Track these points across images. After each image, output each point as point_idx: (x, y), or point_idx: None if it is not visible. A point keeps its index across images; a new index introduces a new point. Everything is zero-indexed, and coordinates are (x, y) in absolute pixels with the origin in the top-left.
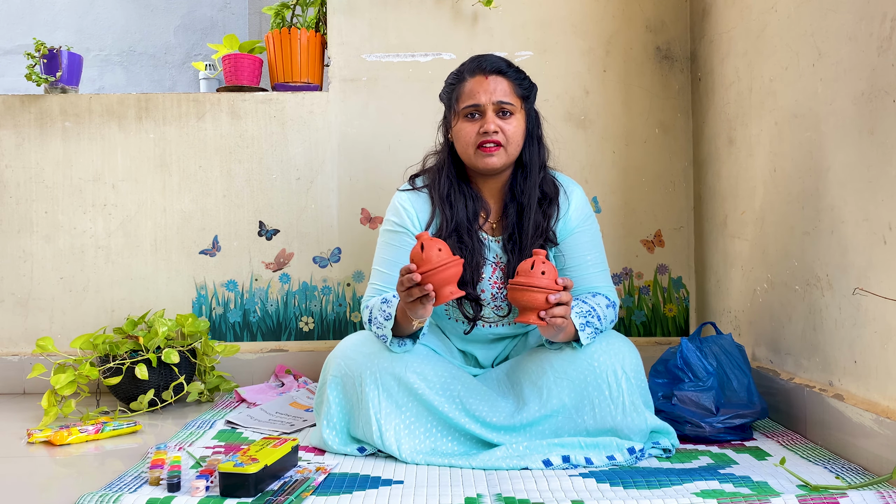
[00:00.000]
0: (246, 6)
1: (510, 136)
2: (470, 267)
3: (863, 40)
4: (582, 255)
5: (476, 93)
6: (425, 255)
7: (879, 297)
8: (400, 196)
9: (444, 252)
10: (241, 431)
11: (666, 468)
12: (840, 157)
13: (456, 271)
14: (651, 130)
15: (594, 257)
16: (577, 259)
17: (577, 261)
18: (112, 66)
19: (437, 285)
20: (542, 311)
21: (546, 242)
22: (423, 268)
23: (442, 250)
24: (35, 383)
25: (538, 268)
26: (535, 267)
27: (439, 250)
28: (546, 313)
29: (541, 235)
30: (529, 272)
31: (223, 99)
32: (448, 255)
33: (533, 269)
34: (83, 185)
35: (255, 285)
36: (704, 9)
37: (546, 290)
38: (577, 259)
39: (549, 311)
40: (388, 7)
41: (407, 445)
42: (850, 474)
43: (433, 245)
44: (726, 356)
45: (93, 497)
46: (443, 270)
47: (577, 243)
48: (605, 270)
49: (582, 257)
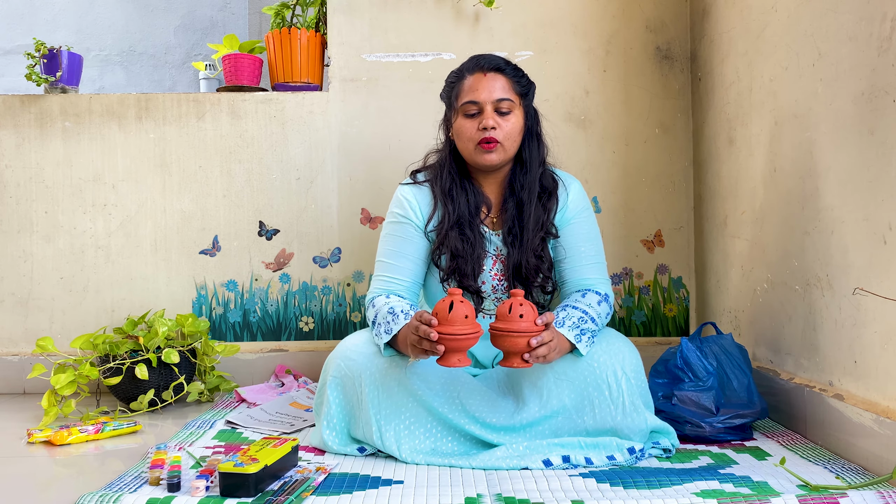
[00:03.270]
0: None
1: (508, 132)
2: (472, 259)
3: (863, 40)
4: (576, 246)
5: (475, 90)
6: (451, 317)
7: (879, 297)
8: (402, 189)
9: (470, 320)
10: (241, 431)
11: (666, 468)
12: (840, 157)
13: (472, 343)
14: (651, 130)
15: (588, 249)
16: (572, 250)
17: (571, 251)
18: (112, 66)
19: (449, 349)
20: (526, 354)
21: (546, 235)
22: (443, 329)
23: (468, 318)
24: (35, 383)
25: (516, 311)
26: (513, 310)
27: (465, 317)
28: (529, 356)
29: (541, 229)
30: (508, 316)
31: (223, 99)
32: (471, 325)
33: (511, 312)
34: (83, 185)
35: (255, 285)
36: (704, 9)
37: (526, 334)
38: (572, 250)
39: (532, 353)
40: (389, 7)
41: (407, 446)
42: (850, 474)
43: (462, 310)
44: (726, 356)
45: (93, 497)
46: (461, 340)
47: (573, 234)
48: (601, 264)
49: (576, 248)
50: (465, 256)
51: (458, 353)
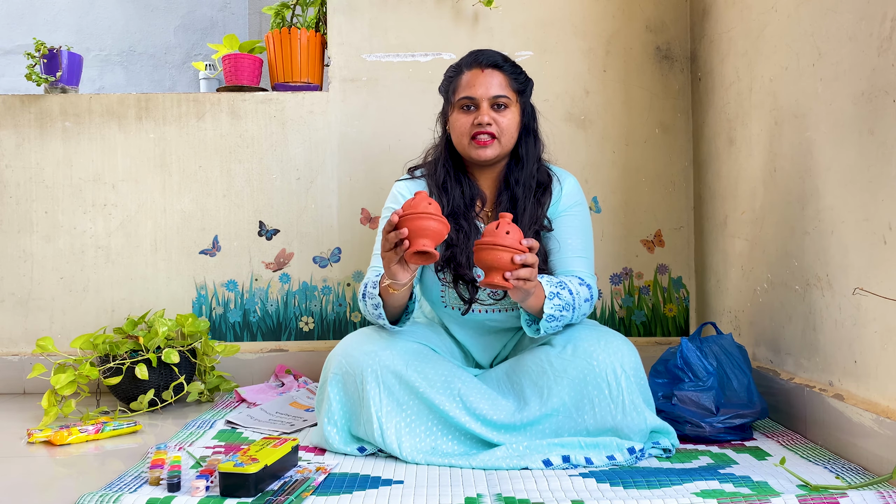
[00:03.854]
0: (246, 6)
1: (504, 128)
2: (466, 249)
3: (863, 40)
4: (565, 238)
5: (472, 85)
6: (412, 202)
7: (879, 297)
8: (398, 184)
9: (434, 207)
10: (241, 431)
11: (666, 468)
12: (840, 157)
13: (437, 227)
14: (651, 130)
15: (577, 243)
16: (561, 242)
17: (560, 244)
18: (112, 66)
19: (412, 232)
20: (507, 273)
21: (540, 229)
22: (404, 211)
23: (432, 205)
24: (35, 383)
25: (503, 228)
26: (500, 227)
27: (429, 204)
28: (511, 274)
29: (535, 223)
30: (494, 232)
31: (223, 99)
32: (435, 210)
33: (498, 228)
34: (83, 185)
35: (255, 285)
36: (704, 9)
37: (510, 250)
38: (561, 242)
39: (515, 272)
40: (388, 7)
41: (408, 444)
42: (850, 474)
43: (424, 198)
44: (726, 356)
45: (93, 497)
46: (422, 218)
47: (563, 226)
48: (588, 259)
49: (565, 240)
50: (460, 247)
51: (423, 238)
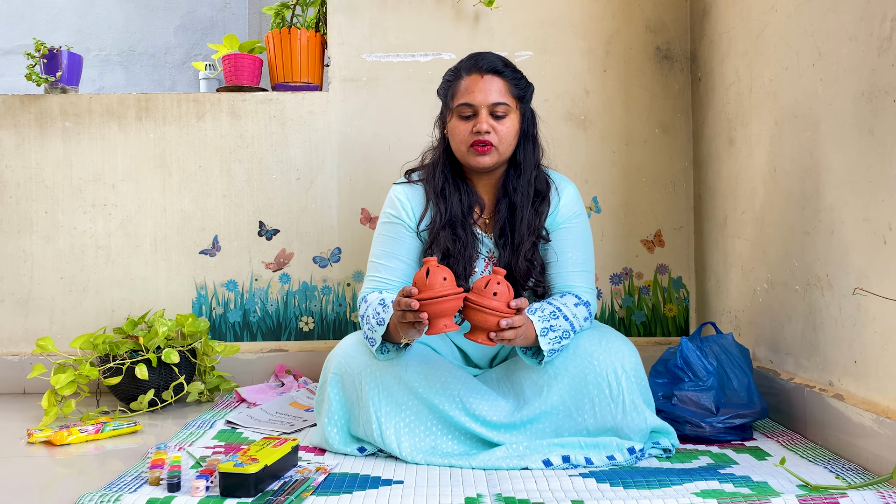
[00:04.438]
0: (246, 6)
1: (503, 136)
2: (463, 259)
3: (863, 40)
4: (564, 252)
5: (471, 92)
6: (429, 282)
7: (879, 297)
8: (395, 189)
9: (448, 283)
10: (241, 431)
11: (666, 468)
12: (840, 157)
13: (455, 305)
14: (651, 130)
15: (577, 256)
16: (560, 255)
17: (559, 256)
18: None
19: (432, 315)
20: (492, 333)
21: (538, 240)
22: (423, 295)
23: (447, 280)
24: (35, 383)
25: (492, 288)
26: (488, 286)
27: (444, 279)
28: (495, 335)
29: (532, 233)
30: (483, 291)
31: (223, 99)
32: (451, 287)
33: (486, 287)
34: (83, 185)
35: (255, 285)
36: (704, 9)
37: (497, 314)
38: (560, 255)
39: (499, 333)
40: (388, 7)
41: (407, 444)
42: (850, 474)
43: (439, 273)
44: (726, 356)
45: (93, 497)
46: (442, 302)
47: (562, 239)
48: (588, 272)
49: (564, 253)
50: (457, 256)
51: (443, 318)
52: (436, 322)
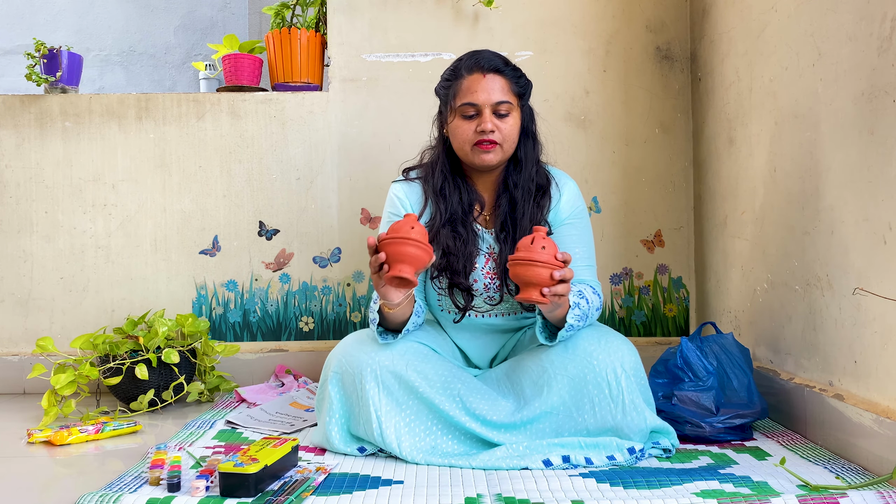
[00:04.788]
0: (246, 6)
1: (506, 134)
2: (463, 256)
3: (863, 40)
4: (569, 248)
5: (473, 91)
6: (394, 226)
7: (879, 297)
8: (394, 187)
9: (416, 232)
10: (241, 431)
11: (666, 468)
12: (840, 157)
13: (415, 252)
14: (651, 130)
15: (581, 252)
16: (566, 252)
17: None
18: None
19: (390, 257)
20: (546, 288)
21: None
22: (384, 235)
23: (414, 228)
24: (35, 383)
25: (538, 243)
26: (535, 242)
27: (412, 228)
28: (549, 290)
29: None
30: (530, 247)
31: (223, 99)
32: (417, 235)
33: (533, 244)
34: (83, 185)
35: (255, 285)
36: (704, 9)
37: (549, 266)
38: (566, 252)
39: (553, 287)
40: (388, 7)
41: (407, 443)
42: (850, 474)
43: (409, 222)
44: (726, 356)
45: (93, 497)
46: (399, 243)
47: (565, 235)
48: (592, 266)
49: (570, 250)
50: (457, 254)
51: (400, 263)
52: (393, 265)
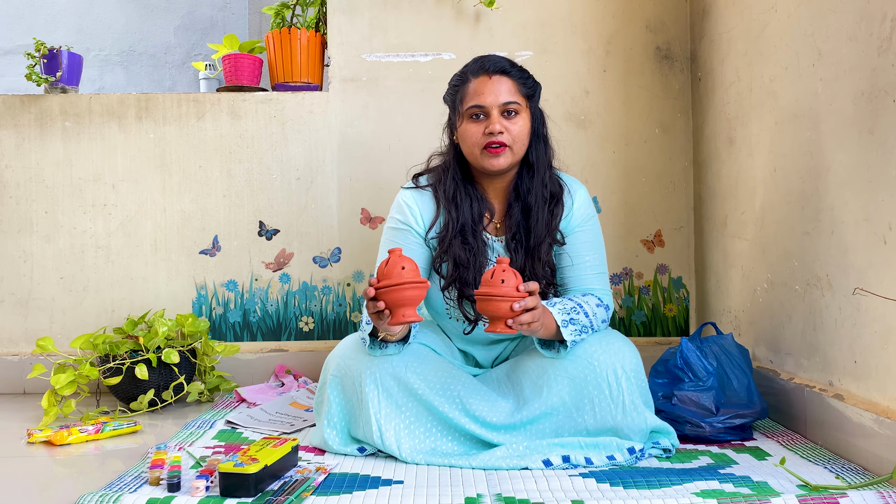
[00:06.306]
0: (246, 6)
1: (516, 136)
2: (474, 268)
3: (863, 40)
4: (580, 255)
5: (480, 93)
6: (386, 271)
7: (879, 297)
8: (404, 194)
9: (408, 272)
10: (241, 431)
11: (666, 468)
12: (840, 157)
13: (414, 294)
14: (651, 130)
15: (593, 259)
16: (577, 258)
17: (574, 260)
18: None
19: (390, 304)
20: (510, 320)
21: (553, 242)
22: (380, 283)
23: (406, 269)
24: (35, 383)
25: (498, 276)
26: (494, 276)
27: (402, 269)
28: (513, 321)
29: (549, 234)
30: (489, 281)
31: (223, 99)
32: (411, 276)
33: (493, 277)
34: (83, 185)
35: (255, 285)
36: (704, 9)
37: (508, 299)
38: (577, 258)
39: (516, 319)
40: (389, 7)
41: (407, 445)
42: (850, 474)
43: (398, 263)
44: (726, 356)
45: (93, 497)
46: (397, 290)
47: (577, 242)
48: (603, 274)
49: (580, 257)
50: (468, 265)
51: (403, 307)
52: (396, 311)
